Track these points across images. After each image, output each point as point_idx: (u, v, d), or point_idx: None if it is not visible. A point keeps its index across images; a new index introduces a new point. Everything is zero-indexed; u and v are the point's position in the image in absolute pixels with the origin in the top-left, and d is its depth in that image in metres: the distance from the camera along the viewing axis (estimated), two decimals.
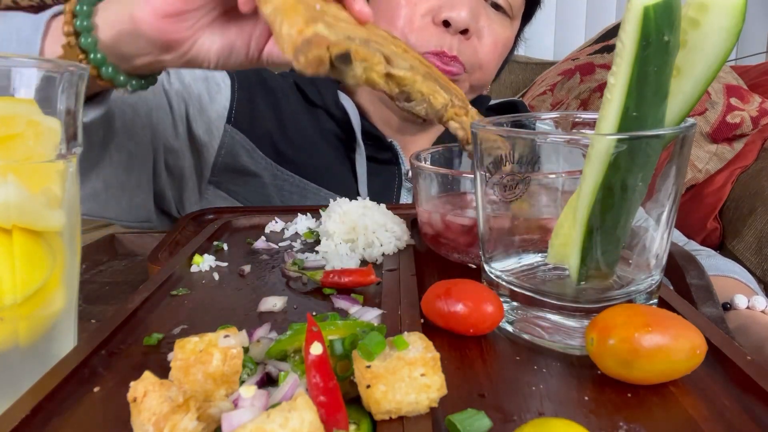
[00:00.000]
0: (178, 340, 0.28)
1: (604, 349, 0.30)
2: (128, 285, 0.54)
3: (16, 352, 0.32)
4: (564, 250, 0.35)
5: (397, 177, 0.85)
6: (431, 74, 0.48)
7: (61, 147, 0.33)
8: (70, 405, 0.29)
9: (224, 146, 0.82)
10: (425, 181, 0.52)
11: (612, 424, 0.28)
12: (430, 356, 0.27)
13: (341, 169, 0.83)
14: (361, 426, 0.26)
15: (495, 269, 0.39)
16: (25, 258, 0.32)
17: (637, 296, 0.35)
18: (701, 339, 0.30)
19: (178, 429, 0.23)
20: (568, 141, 0.36)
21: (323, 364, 0.26)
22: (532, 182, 0.36)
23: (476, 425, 0.26)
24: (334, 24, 0.42)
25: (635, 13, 0.29)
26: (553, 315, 0.35)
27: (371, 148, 0.84)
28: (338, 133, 0.85)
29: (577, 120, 0.43)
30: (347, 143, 0.85)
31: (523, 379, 0.32)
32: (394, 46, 0.47)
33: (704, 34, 0.30)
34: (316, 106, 0.85)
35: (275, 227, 0.61)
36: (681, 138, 0.33)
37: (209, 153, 0.81)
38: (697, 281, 0.46)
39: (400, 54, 0.46)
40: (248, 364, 0.31)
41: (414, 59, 0.48)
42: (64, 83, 0.33)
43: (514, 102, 0.98)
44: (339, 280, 0.43)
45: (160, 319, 0.39)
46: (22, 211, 0.31)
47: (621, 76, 0.30)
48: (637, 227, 0.35)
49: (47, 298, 0.34)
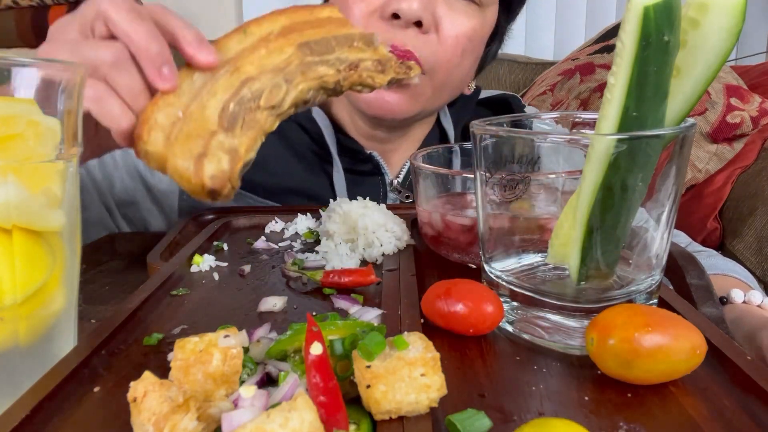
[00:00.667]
0: (178, 340, 0.28)
1: (604, 349, 0.30)
2: (128, 285, 0.54)
3: (16, 352, 0.32)
4: (564, 250, 0.35)
5: (381, 188, 0.82)
6: (306, 49, 0.43)
7: (61, 147, 0.33)
8: (70, 405, 0.29)
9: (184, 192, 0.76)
10: (425, 181, 0.52)
11: (612, 424, 0.28)
12: (430, 356, 0.27)
13: (318, 185, 0.79)
14: (361, 426, 0.26)
15: (495, 269, 0.39)
16: (25, 258, 0.32)
17: (637, 296, 0.35)
18: (701, 339, 0.30)
19: (178, 429, 0.23)
20: (568, 141, 0.36)
21: (323, 364, 0.26)
22: (532, 182, 0.36)
23: (476, 425, 0.26)
24: (202, 109, 0.40)
25: (635, 13, 0.29)
26: (553, 315, 0.35)
27: (349, 161, 0.80)
28: (313, 147, 0.80)
29: (577, 120, 0.43)
30: (323, 157, 0.80)
31: (523, 379, 0.32)
32: (260, 58, 0.42)
33: (704, 34, 0.30)
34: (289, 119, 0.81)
35: (275, 227, 0.61)
36: (681, 138, 0.33)
37: (172, 199, 0.79)
38: (697, 281, 0.46)
39: (272, 56, 0.43)
40: (248, 364, 0.31)
41: (281, 49, 0.43)
42: (64, 83, 0.33)
43: (507, 98, 0.91)
44: (339, 280, 0.43)
45: (160, 319, 0.39)
46: (22, 211, 0.31)
47: (621, 76, 0.30)
48: (637, 227, 0.35)
49: (47, 298, 0.34)
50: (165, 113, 0.40)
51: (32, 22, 1.67)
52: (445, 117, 0.86)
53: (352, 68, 0.43)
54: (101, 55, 0.40)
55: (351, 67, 0.43)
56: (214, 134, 0.40)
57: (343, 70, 0.43)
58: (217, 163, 0.39)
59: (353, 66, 0.43)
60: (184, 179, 0.39)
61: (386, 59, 0.44)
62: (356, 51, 0.45)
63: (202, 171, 0.38)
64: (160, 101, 0.40)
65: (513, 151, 0.35)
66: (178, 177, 0.39)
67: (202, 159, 0.39)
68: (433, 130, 0.86)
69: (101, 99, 0.40)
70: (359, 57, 0.44)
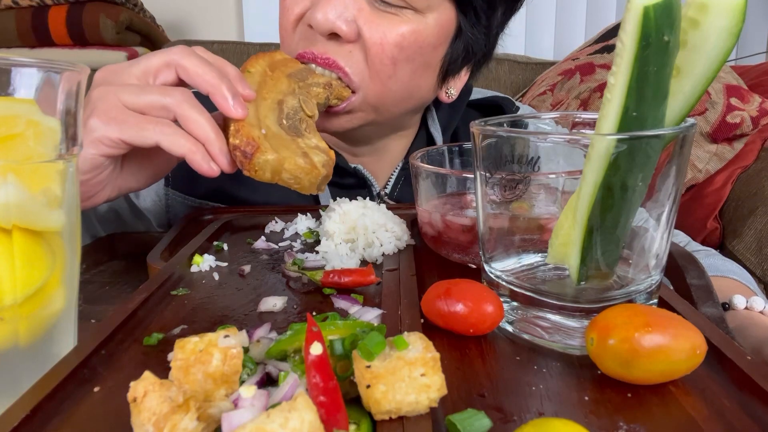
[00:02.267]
0: (178, 340, 0.28)
1: (604, 349, 0.30)
2: (128, 285, 0.54)
3: (16, 352, 0.32)
4: (564, 250, 0.35)
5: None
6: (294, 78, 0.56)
7: (61, 147, 0.33)
8: (70, 405, 0.29)
9: (170, 209, 0.79)
10: (425, 181, 0.52)
11: (612, 424, 0.28)
12: (430, 356, 0.27)
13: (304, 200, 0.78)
14: (361, 426, 0.26)
15: (495, 269, 0.39)
16: (25, 258, 0.32)
17: (637, 296, 0.35)
18: (701, 339, 0.30)
19: (178, 429, 0.23)
20: (568, 141, 0.36)
21: (323, 364, 0.26)
22: (532, 182, 0.36)
23: (476, 425, 0.26)
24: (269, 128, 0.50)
25: (635, 13, 0.29)
26: (553, 315, 0.35)
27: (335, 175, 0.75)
28: None
29: (577, 120, 0.43)
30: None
31: (523, 379, 0.32)
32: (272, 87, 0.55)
33: (704, 34, 0.30)
34: None
35: (275, 227, 0.61)
36: (681, 138, 0.33)
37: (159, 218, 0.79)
38: (697, 281, 0.46)
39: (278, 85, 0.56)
40: (248, 364, 0.31)
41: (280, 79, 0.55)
42: (64, 83, 0.33)
43: (499, 101, 0.86)
44: (339, 280, 0.43)
45: (160, 319, 0.39)
46: (22, 211, 0.31)
47: (621, 76, 0.30)
48: (637, 227, 0.35)
49: (47, 298, 0.34)
50: (256, 131, 0.48)
51: (32, 22, 1.67)
52: (432, 122, 0.82)
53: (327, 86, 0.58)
54: (174, 95, 0.47)
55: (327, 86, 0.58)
56: (295, 140, 0.49)
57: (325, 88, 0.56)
58: (317, 155, 0.48)
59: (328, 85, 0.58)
60: (305, 172, 0.48)
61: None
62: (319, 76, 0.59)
63: (313, 164, 0.48)
64: (245, 124, 0.48)
65: (513, 151, 0.35)
66: (299, 172, 0.48)
67: (308, 156, 0.47)
68: (419, 136, 0.82)
69: (174, 134, 0.47)
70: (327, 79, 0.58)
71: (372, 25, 0.61)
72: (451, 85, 0.75)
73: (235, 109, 0.48)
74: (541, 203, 0.37)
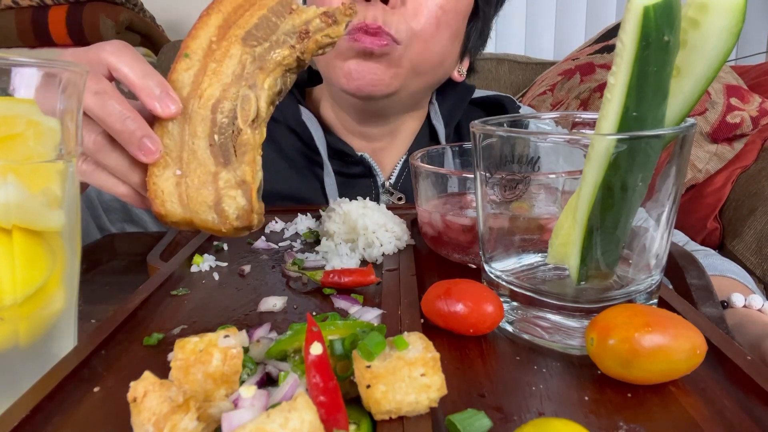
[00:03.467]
0: (178, 340, 0.28)
1: (604, 349, 0.30)
2: (128, 285, 0.54)
3: (16, 352, 0.32)
4: (564, 250, 0.35)
5: (373, 190, 0.81)
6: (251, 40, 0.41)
7: (61, 147, 0.33)
8: (70, 405, 0.29)
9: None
10: (425, 181, 0.52)
11: (612, 424, 0.28)
12: (430, 356, 0.27)
13: (309, 188, 0.79)
14: (361, 426, 0.26)
15: (495, 269, 0.39)
16: (25, 258, 0.32)
17: (637, 296, 0.35)
18: (701, 339, 0.30)
19: (178, 429, 0.23)
20: (568, 141, 0.36)
21: (323, 364, 0.26)
22: (532, 182, 0.36)
23: (476, 425, 0.26)
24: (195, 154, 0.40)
25: (635, 13, 0.29)
26: (553, 315, 0.35)
27: (340, 163, 0.79)
28: (303, 151, 0.79)
29: (577, 120, 0.43)
30: (314, 160, 0.79)
31: (523, 379, 0.32)
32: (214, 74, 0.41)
33: (704, 34, 0.30)
34: (277, 121, 0.80)
35: (275, 227, 0.61)
36: (681, 138, 0.33)
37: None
38: (697, 281, 0.46)
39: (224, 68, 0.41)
40: (248, 364, 0.31)
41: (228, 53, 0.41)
42: (64, 83, 0.33)
43: (501, 100, 0.89)
44: (339, 280, 0.43)
45: (160, 319, 0.39)
46: (22, 211, 0.31)
47: (621, 76, 0.30)
48: (637, 227, 0.35)
49: (47, 298, 0.34)
50: (166, 180, 0.41)
51: (32, 22, 1.67)
52: (435, 115, 0.84)
53: (303, 37, 0.41)
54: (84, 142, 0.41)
55: (302, 37, 0.41)
56: (217, 175, 0.40)
57: (296, 43, 0.41)
58: (234, 202, 0.40)
59: (304, 34, 0.41)
60: (215, 230, 0.40)
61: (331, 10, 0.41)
62: (298, 14, 0.41)
63: (226, 217, 0.40)
64: (155, 169, 0.41)
65: (513, 151, 0.35)
66: (210, 230, 0.40)
67: (220, 205, 0.40)
68: (423, 128, 0.84)
69: (94, 174, 0.42)
70: (304, 20, 0.41)
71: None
72: (464, 65, 0.82)
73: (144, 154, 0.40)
74: (541, 203, 0.37)
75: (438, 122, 0.83)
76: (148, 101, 0.40)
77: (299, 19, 0.41)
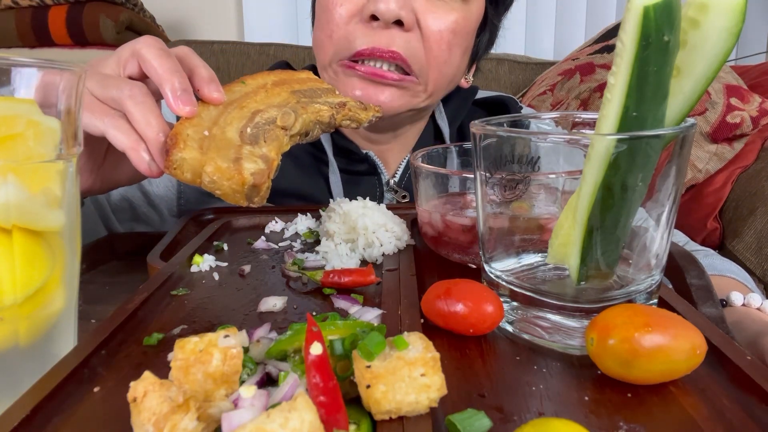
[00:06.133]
0: (178, 340, 0.28)
1: (604, 349, 0.30)
2: (128, 285, 0.54)
3: (16, 352, 0.32)
4: (564, 250, 0.35)
5: (377, 188, 0.81)
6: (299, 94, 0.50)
7: (61, 147, 0.33)
8: (70, 405, 0.29)
9: (183, 195, 0.79)
10: (425, 181, 0.52)
11: (612, 424, 0.28)
12: (430, 356, 0.27)
13: (315, 186, 0.79)
14: (361, 426, 0.26)
15: (495, 269, 0.39)
16: (25, 258, 0.32)
17: (637, 296, 0.35)
18: (701, 339, 0.30)
19: (178, 429, 0.23)
20: (568, 141, 0.36)
21: (323, 364, 0.26)
22: (532, 182, 0.36)
23: (476, 425, 0.26)
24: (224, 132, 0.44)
25: (635, 13, 0.29)
26: (553, 315, 0.35)
27: (345, 161, 0.79)
28: (308, 149, 0.80)
29: (577, 120, 0.43)
30: (319, 158, 0.80)
31: (523, 379, 0.32)
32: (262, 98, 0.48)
33: (704, 34, 0.30)
34: None
35: (275, 227, 0.61)
36: (681, 138, 0.33)
37: (170, 204, 0.79)
38: (697, 281, 0.46)
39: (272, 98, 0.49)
40: (248, 364, 0.31)
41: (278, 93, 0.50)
42: (64, 83, 0.33)
43: (503, 100, 0.90)
44: (339, 280, 0.43)
45: (160, 319, 0.39)
46: (22, 211, 0.31)
47: (621, 76, 0.30)
48: (637, 227, 0.35)
49: (47, 298, 0.34)
50: (193, 130, 0.44)
51: (32, 22, 1.67)
52: (440, 115, 0.85)
53: (341, 106, 0.51)
54: (123, 89, 0.45)
55: (340, 105, 0.51)
56: (241, 147, 0.43)
57: (334, 107, 0.50)
58: (255, 163, 0.42)
59: (342, 105, 0.51)
60: (226, 176, 0.42)
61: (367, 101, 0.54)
62: (339, 96, 0.53)
63: (242, 169, 0.42)
64: (186, 122, 0.44)
65: (513, 151, 0.35)
66: (219, 176, 0.42)
67: (240, 161, 0.42)
68: (427, 128, 0.85)
69: (118, 128, 0.45)
70: (343, 99, 0.52)
71: (429, 13, 0.68)
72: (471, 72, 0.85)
73: (177, 104, 0.44)
74: (541, 203, 0.37)
75: (443, 122, 0.84)
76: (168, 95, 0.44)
77: (340, 98, 0.52)
